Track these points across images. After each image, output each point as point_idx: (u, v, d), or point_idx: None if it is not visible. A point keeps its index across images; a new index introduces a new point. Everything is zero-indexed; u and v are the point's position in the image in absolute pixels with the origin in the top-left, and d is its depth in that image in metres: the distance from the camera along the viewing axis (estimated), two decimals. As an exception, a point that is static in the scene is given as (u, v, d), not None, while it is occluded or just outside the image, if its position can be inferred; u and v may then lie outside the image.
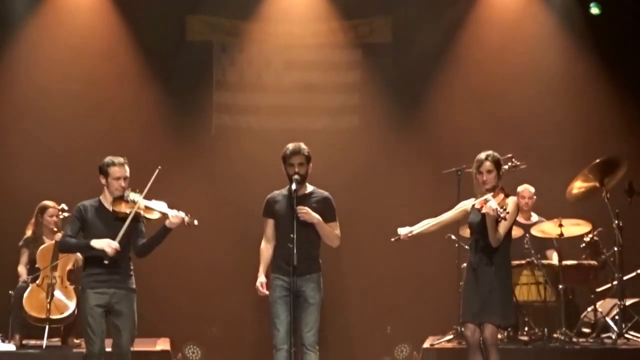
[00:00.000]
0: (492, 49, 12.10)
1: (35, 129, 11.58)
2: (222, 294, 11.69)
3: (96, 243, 7.56)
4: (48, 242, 9.71)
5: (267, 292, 7.64)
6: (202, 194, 11.55)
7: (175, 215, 7.60)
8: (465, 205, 8.08)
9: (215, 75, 12.29)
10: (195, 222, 7.65)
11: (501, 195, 7.83)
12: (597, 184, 10.22)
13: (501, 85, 11.99)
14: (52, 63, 11.73)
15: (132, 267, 7.81)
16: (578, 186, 10.34)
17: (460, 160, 9.57)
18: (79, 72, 11.73)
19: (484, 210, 7.68)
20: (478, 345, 7.91)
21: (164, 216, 7.65)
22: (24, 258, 9.86)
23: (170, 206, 7.77)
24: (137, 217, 7.70)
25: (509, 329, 9.56)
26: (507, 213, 7.59)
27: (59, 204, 9.80)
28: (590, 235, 10.11)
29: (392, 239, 8.04)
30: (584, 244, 10.18)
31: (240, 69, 12.37)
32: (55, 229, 9.67)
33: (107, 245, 7.53)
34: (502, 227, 7.73)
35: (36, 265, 9.61)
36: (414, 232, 8.01)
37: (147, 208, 7.71)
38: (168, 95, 11.98)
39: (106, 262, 7.55)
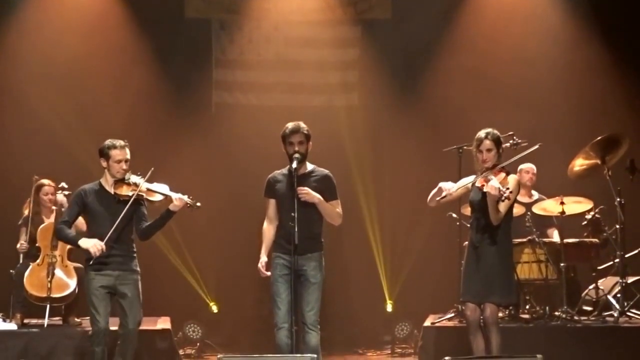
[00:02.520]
0: (492, 25, 12.04)
1: (30, 109, 11.50)
2: (223, 272, 11.68)
3: (83, 243, 7.67)
4: (48, 221, 9.67)
5: (268, 274, 7.63)
6: (202, 171, 11.52)
7: (179, 198, 7.64)
8: (466, 182, 8.02)
9: (215, 52, 12.25)
10: (198, 204, 7.68)
11: (502, 174, 7.78)
12: (599, 162, 10.16)
13: (502, 62, 11.93)
14: (45, 40, 11.64)
15: (135, 249, 7.82)
16: (579, 164, 10.28)
17: (461, 137, 9.51)
18: (72, 49, 11.64)
19: (485, 189, 7.62)
20: (478, 324, 7.89)
21: (167, 199, 7.67)
22: (23, 237, 9.82)
23: (170, 184, 7.77)
24: (139, 200, 7.70)
25: (511, 308, 9.53)
26: (511, 192, 7.54)
27: (58, 183, 9.76)
28: (592, 213, 10.07)
29: (438, 198, 7.75)
30: (585, 222, 10.14)
31: (239, 46, 12.33)
32: (54, 207, 9.63)
33: (92, 245, 7.60)
34: (503, 206, 7.68)
35: (37, 245, 9.58)
36: (452, 192, 7.82)
37: (149, 190, 7.72)
38: (167, 73, 11.93)
39: (91, 262, 7.64)
